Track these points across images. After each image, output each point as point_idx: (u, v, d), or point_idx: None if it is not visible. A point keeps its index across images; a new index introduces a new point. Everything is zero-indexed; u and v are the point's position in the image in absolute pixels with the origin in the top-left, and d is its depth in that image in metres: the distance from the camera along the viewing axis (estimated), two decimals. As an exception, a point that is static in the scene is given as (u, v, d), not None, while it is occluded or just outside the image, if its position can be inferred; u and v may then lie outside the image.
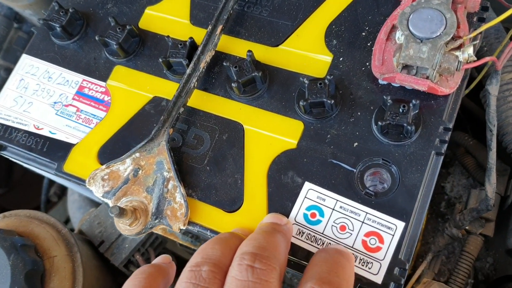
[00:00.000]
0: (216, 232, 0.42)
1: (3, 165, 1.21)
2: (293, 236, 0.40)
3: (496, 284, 0.68)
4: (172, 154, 0.43)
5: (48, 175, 0.58)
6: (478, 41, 0.42)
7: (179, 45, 0.46)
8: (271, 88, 0.45)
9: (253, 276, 0.31)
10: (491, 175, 0.50)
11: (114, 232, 0.59)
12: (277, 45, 0.47)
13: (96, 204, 0.75)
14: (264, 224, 0.39)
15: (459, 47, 0.41)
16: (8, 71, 0.75)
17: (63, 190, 1.00)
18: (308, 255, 0.39)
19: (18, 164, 1.15)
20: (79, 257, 0.53)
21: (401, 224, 0.39)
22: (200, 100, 0.46)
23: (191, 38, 0.46)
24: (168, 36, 0.47)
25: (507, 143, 0.57)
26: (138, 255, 0.59)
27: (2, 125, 0.50)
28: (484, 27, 0.41)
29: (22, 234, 0.52)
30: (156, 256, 0.61)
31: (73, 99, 0.49)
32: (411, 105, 0.40)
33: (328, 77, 0.42)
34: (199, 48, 0.45)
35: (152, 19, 0.51)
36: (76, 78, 0.50)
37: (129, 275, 0.60)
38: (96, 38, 0.48)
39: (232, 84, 0.44)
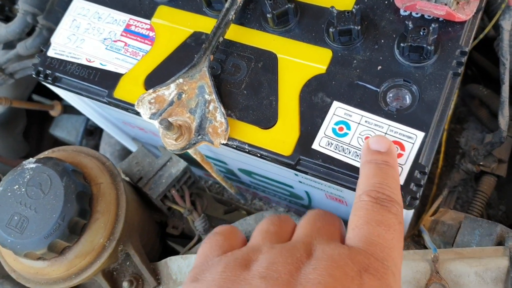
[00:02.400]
0: (253, 146, 0.46)
1: (34, 135, 1.27)
2: (323, 147, 0.45)
3: (508, 229, 0.72)
4: (213, 78, 0.48)
5: (93, 113, 0.64)
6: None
7: (218, -17, 0.51)
8: (302, 21, 0.50)
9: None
10: (504, 108, 0.54)
11: (151, 170, 0.64)
12: (307, -17, 0.52)
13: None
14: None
15: (475, -22, 0.45)
16: (50, 31, 0.81)
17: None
18: (337, 162, 0.44)
19: (48, 134, 1.20)
20: (122, 186, 0.57)
21: (421, 134, 0.43)
22: (236, 33, 0.51)
23: (229, -24, 0.51)
24: (208, -24, 0.52)
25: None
26: (173, 190, 0.64)
27: (58, 59, 0.55)
28: (498, -41, 0.46)
29: (71, 163, 0.57)
30: (190, 194, 0.66)
31: (121, 35, 0.54)
32: (431, 28, 0.44)
33: (355, 6, 0.46)
34: (237, -15, 0.50)
35: (192, -36, 0.56)
36: (123, 17, 0.55)
37: (165, 210, 0.65)
38: (142, -21, 0.53)
39: (267, 15, 0.49)
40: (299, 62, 0.49)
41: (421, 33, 0.44)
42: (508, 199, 0.74)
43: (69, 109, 1.06)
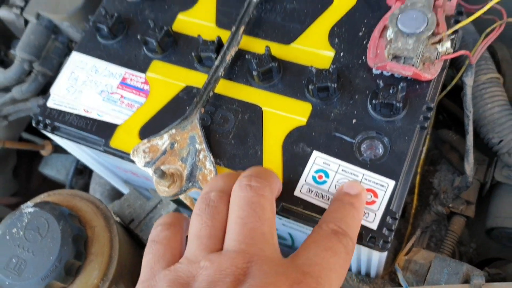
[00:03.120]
0: (240, 192, 0.50)
1: (23, 173, 1.29)
2: (304, 194, 0.49)
3: (478, 266, 0.76)
4: (203, 129, 0.52)
5: (87, 158, 0.67)
6: (454, 37, 0.52)
7: (208, 42, 0.56)
8: (285, 77, 0.55)
9: (251, 190, 0.40)
10: (469, 156, 0.59)
11: (142, 212, 0.68)
12: (289, 43, 0.57)
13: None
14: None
15: (439, 41, 0.51)
16: (45, 76, 0.85)
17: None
18: (317, 208, 0.48)
19: (36, 171, 1.22)
20: (115, 228, 0.61)
21: (392, 182, 0.48)
22: (225, 87, 0.56)
23: (218, 36, 0.56)
24: (199, 35, 0.56)
25: (484, 134, 0.67)
26: (163, 231, 0.67)
27: (56, 110, 0.59)
28: (458, 26, 0.51)
29: (67, 207, 0.60)
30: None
31: (117, 88, 0.58)
32: (399, 87, 0.49)
33: (332, 66, 0.52)
34: (226, 44, 0.55)
35: (184, 23, 0.61)
36: (119, 71, 0.59)
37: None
38: (138, 37, 0.58)
39: (253, 73, 0.53)
40: (282, 114, 0.53)
41: (391, 91, 0.49)
42: (478, 237, 0.79)
43: (59, 149, 1.09)
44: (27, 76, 0.85)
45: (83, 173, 1.07)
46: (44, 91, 0.88)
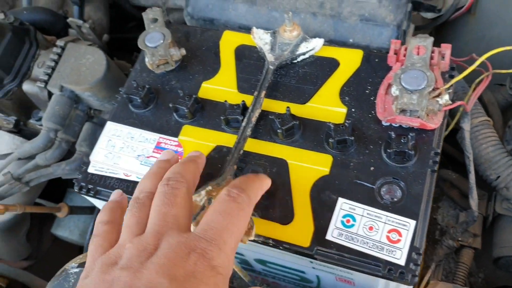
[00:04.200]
0: (276, 240, 0.56)
1: (35, 236, 1.32)
2: (335, 237, 0.54)
3: (488, 294, 0.81)
4: (237, 185, 0.58)
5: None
6: (451, 91, 0.60)
7: (234, 106, 0.62)
8: (305, 133, 0.62)
9: (167, 187, 0.48)
10: (473, 192, 0.66)
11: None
12: (305, 103, 0.64)
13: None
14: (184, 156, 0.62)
15: (438, 95, 0.58)
16: (68, 143, 0.90)
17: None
18: (348, 250, 0.53)
19: (47, 233, 1.25)
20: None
21: (413, 222, 0.54)
22: (253, 145, 0.62)
23: (243, 101, 0.63)
24: (225, 101, 0.63)
25: (482, 172, 0.74)
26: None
27: (97, 175, 0.64)
28: (454, 80, 0.59)
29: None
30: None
31: (153, 152, 0.64)
32: (409, 136, 0.56)
33: (347, 121, 0.58)
34: (250, 107, 0.62)
35: (208, 90, 0.67)
36: (153, 136, 0.65)
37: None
38: (170, 105, 0.64)
39: (278, 131, 0.60)
40: (307, 166, 0.59)
41: (402, 140, 0.56)
42: (486, 267, 0.85)
43: (74, 210, 1.13)
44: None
45: (100, 232, 1.10)
46: (65, 156, 0.93)
